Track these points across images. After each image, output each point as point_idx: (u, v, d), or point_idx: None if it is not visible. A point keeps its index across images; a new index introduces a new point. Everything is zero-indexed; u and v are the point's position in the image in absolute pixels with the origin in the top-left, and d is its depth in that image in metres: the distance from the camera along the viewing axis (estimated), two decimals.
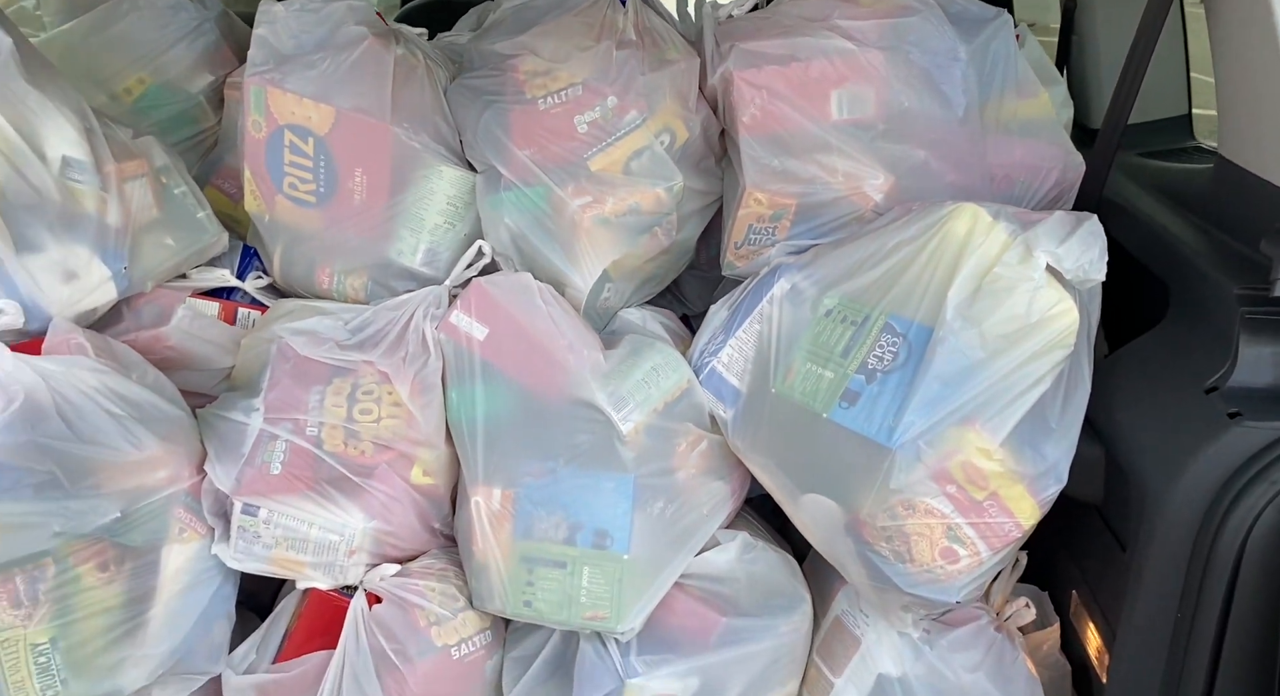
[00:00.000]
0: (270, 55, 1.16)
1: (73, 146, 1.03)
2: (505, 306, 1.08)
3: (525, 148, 1.11)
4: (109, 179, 1.05)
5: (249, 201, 1.21)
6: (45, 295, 0.99)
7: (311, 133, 1.15)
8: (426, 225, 1.17)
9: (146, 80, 1.29)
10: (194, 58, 1.31)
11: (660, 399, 1.05)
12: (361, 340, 1.09)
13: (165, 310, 1.13)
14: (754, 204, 1.11)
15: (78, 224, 1.02)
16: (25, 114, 1.00)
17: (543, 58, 1.09)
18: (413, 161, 1.15)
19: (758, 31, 1.07)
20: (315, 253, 1.19)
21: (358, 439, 1.03)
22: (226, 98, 1.35)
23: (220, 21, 1.35)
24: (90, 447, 0.93)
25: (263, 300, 1.22)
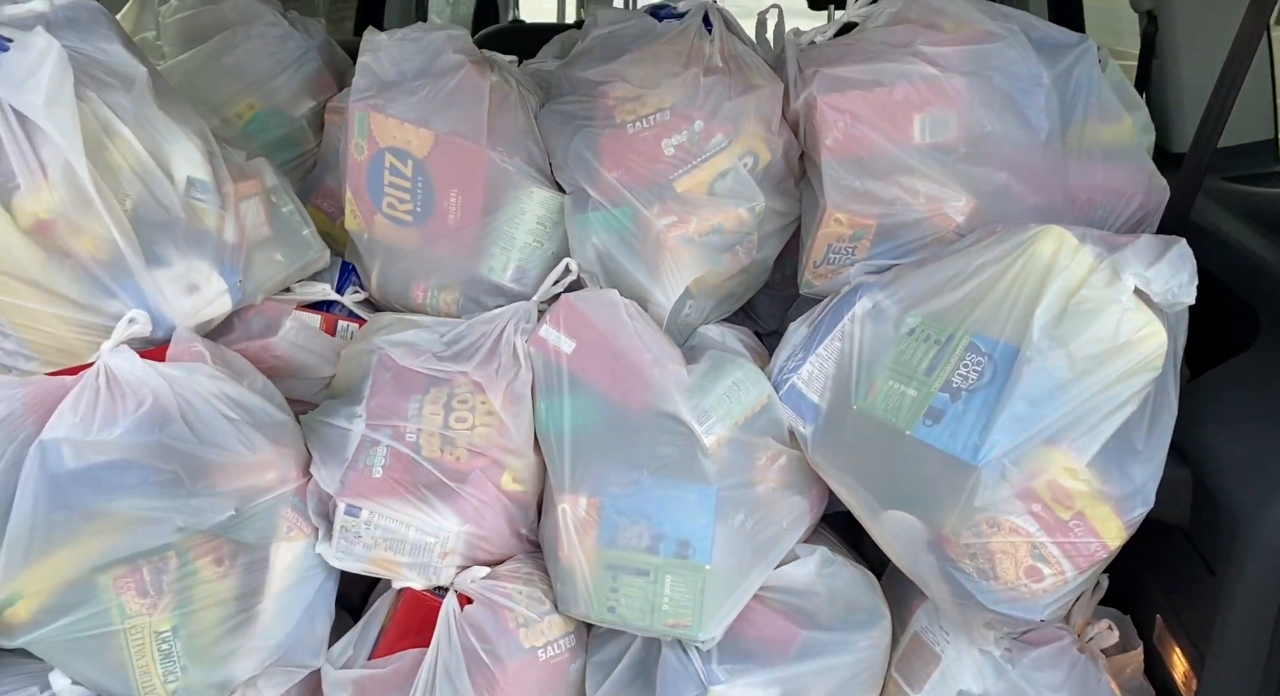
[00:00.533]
0: (373, 82, 1.23)
1: (197, 168, 1.10)
2: (592, 321, 1.12)
3: (613, 170, 1.15)
4: (227, 198, 1.13)
5: (349, 220, 1.27)
6: (170, 306, 1.06)
7: (411, 155, 1.21)
8: (516, 243, 1.23)
9: (255, 105, 1.37)
10: (299, 84, 1.39)
11: (741, 413, 1.08)
12: (456, 352, 1.14)
13: (273, 321, 1.19)
14: (834, 224, 1.13)
15: (200, 240, 1.09)
16: (156, 138, 1.08)
17: (632, 84, 1.14)
18: (505, 183, 1.21)
19: (841, 58, 1.10)
20: (411, 269, 1.25)
21: (453, 445, 1.08)
22: (326, 121, 1.42)
23: (323, 50, 1.43)
24: (209, 449, 1.00)
25: (360, 313, 1.29)
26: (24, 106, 0.98)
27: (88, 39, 1.08)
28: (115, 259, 1.03)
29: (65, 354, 1.04)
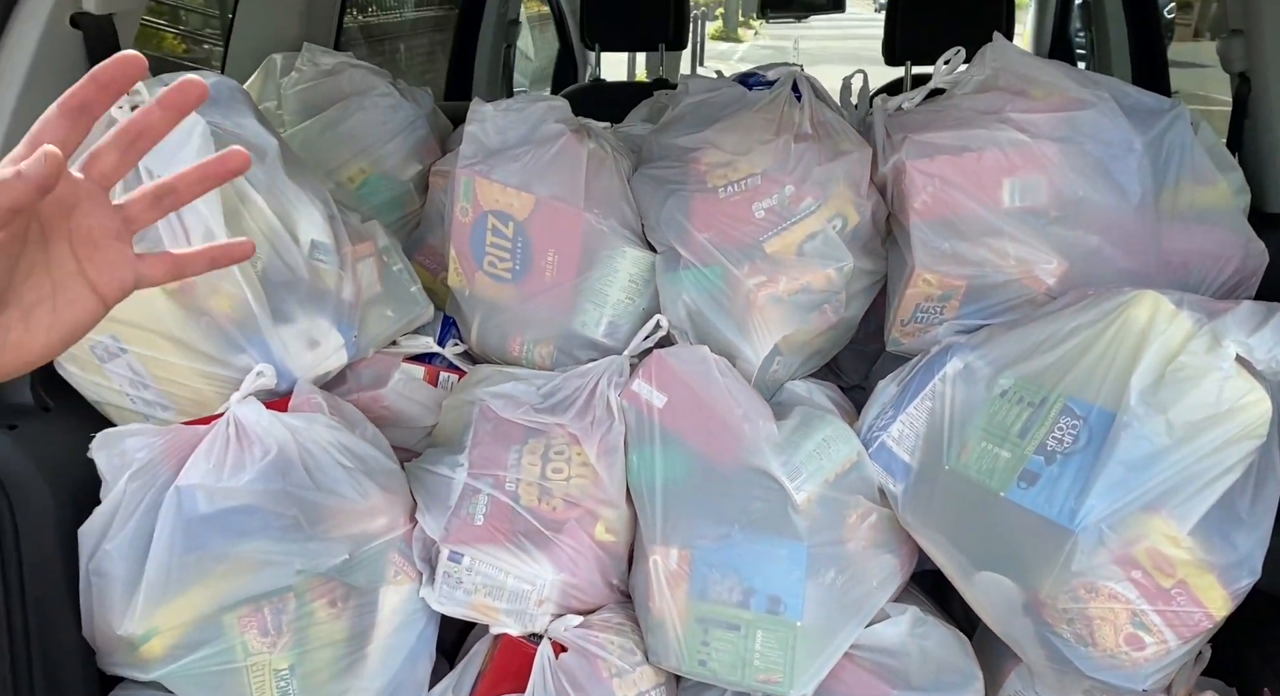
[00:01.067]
0: (479, 149, 1.30)
1: (319, 231, 1.19)
2: (683, 377, 1.16)
3: (705, 231, 1.20)
4: (346, 259, 1.21)
5: (452, 277, 1.35)
6: (293, 360, 1.14)
7: (512, 218, 1.28)
8: (609, 300, 1.28)
9: (367, 170, 1.47)
10: (407, 150, 1.49)
11: (832, 470, 1.10)
12: (553, 404, 1.19)
13: (382, 373, 1.27)
14: (923, 284, 1.15)
15: (321, 299, 1.17)
16: (284, 204, 1.17)
17: (724, 151, 1.19)
18: (600, 243, 1.27)
19: (929, 124, 1.13)
20: (509, 323, 1.31)
21: (550, 495, 1.12)
22: (430, 184, 1.51)
23: (430, 118, 1.52)
24: (325, 495, 1.06)
25: (459, 365, 1.35)
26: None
27: (227, 115, 1.18)
28: (246, 317, 1.11)
29: (198, 404, 1.12)
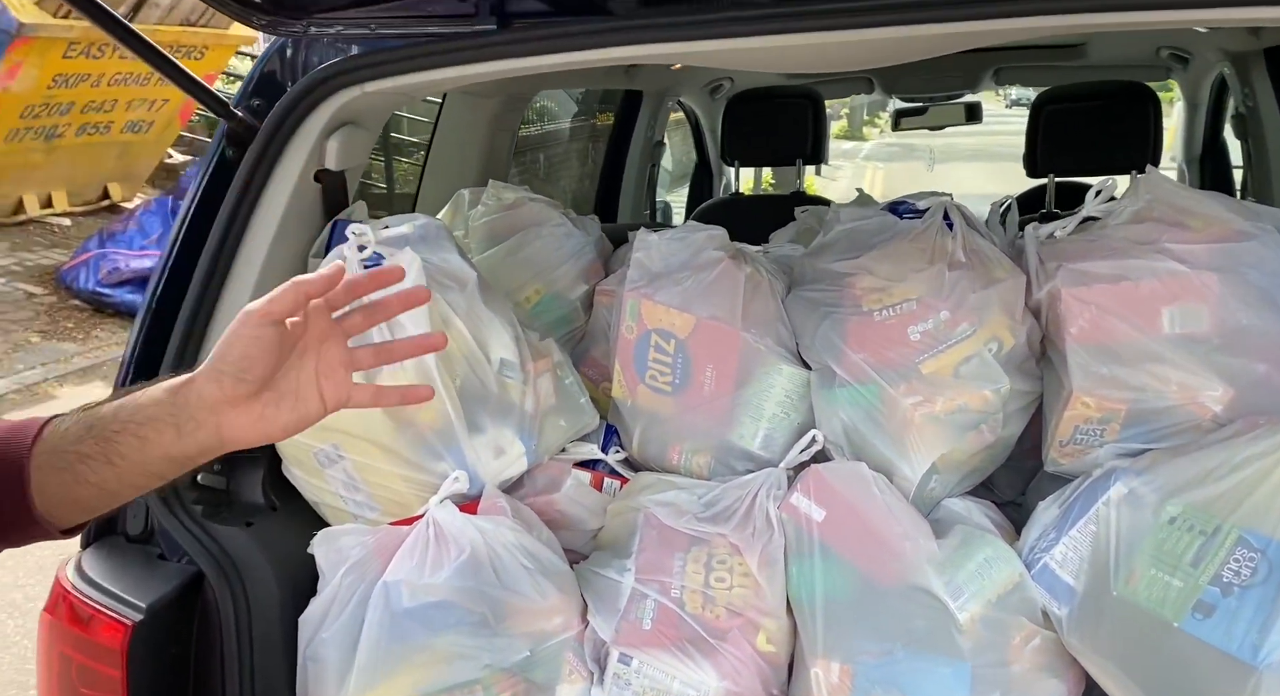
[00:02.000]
0: (644, 274, 1.43)
1: (508, 350, 1.33)
2: (841, 492, 1.21)
3: (860, 352, 1.27)
4: (528, 375, 1.34)
5: (616, 388, 1.46)
6: (482, 466, 1.27)
7: (674, 336, 1.39)
8: (765, 414, 1.36)
9: (542, 290, 1.63)
10: (576, 272, 1.64)
11: (994, 590, 1.11)
12: (714, 514, 1.26)
13: (555, 479, 1.38)
14: (1081, 407, 1.17)
15: (507, 410, 1.30)
16: (480, 326, 1.32)
17: (879, 277, 1.26)
18: (756, 360, 1.35)
19: (1084, 253, 1.18)
20: (668, 433, 1.41)
21: (713, 604, 1.18)
22: (595, 302, 1.65)
23: (597, 244, 1.68)
24: (510, 594, 1.16)
25: (622, 472, 1.45)
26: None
27: (434, 250, 1.35)
28: (446, 427, 1.25)
29: (400, 506, 1.26)
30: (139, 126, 6.95)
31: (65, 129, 6.41)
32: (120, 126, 6.79)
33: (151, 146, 7.33)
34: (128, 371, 1.26)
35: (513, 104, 1.96)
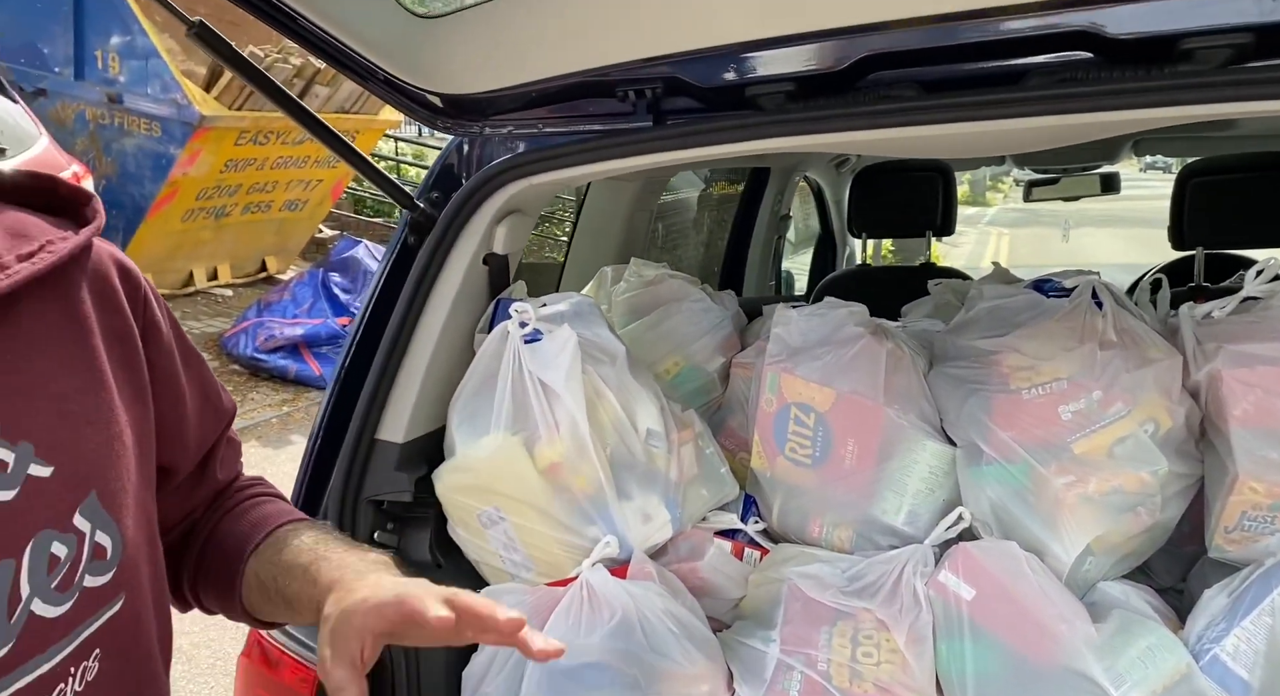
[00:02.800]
0: (783, 348, 1.48)
1: (654, 421, 1.40)
2: (992, 571, 1.21)
3: (1008, 430, 1.27)
4: (673, 445, 1.41)
5: (755, 460, 1.50)
6: (631, 532, 1.33)
7: (814, 409, 1.43)
8: (909, 490, 1.37)
9: (681, 363, 1.70)
10: (714, 345, 1.71)
11: (1159, 681, 1.07)
12: (859, 588, 1.27)
13: (697, 547, 1.42)
14: (1249, 493, 1.14)
15: (653, 479, 1.36)
16: (628, 398, 1.40)
17: (1027, 355, 1.27)
18: (899, 436, 1.37)
19: (1246, 334, 1.15)
20: (809, 506, 1.43)
21: (861, 678, 1.19)
22: (732, 374, 1.71)
23: (734, 318, 1.75)
24: (660, 658, 1.20)
25: (761, 542, 1.48)
26: (549, 380, 1.35)
27: (587, 326, 1.45)
28: (598, 494, 1.32)
29: (553, 567, 1.33)
30: (295, 205, 7.60)
31: (232, 208, 7.08)
32: (279, 205, 7.44)
33: (305, 223, 7.98)
34: (320, 431, 1.40)
35: (652, 185, 2.08)
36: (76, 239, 0.69)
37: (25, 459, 0.62)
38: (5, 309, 0.64)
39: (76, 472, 0.66)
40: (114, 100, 6.41)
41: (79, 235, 0.69)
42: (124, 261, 0.75)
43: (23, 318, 0.65)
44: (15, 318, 0.64)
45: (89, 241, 0.70)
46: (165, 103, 6.21)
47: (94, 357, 0.69)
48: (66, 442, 0.65)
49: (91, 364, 0.69)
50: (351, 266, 6.73)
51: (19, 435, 0.62)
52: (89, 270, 0.71)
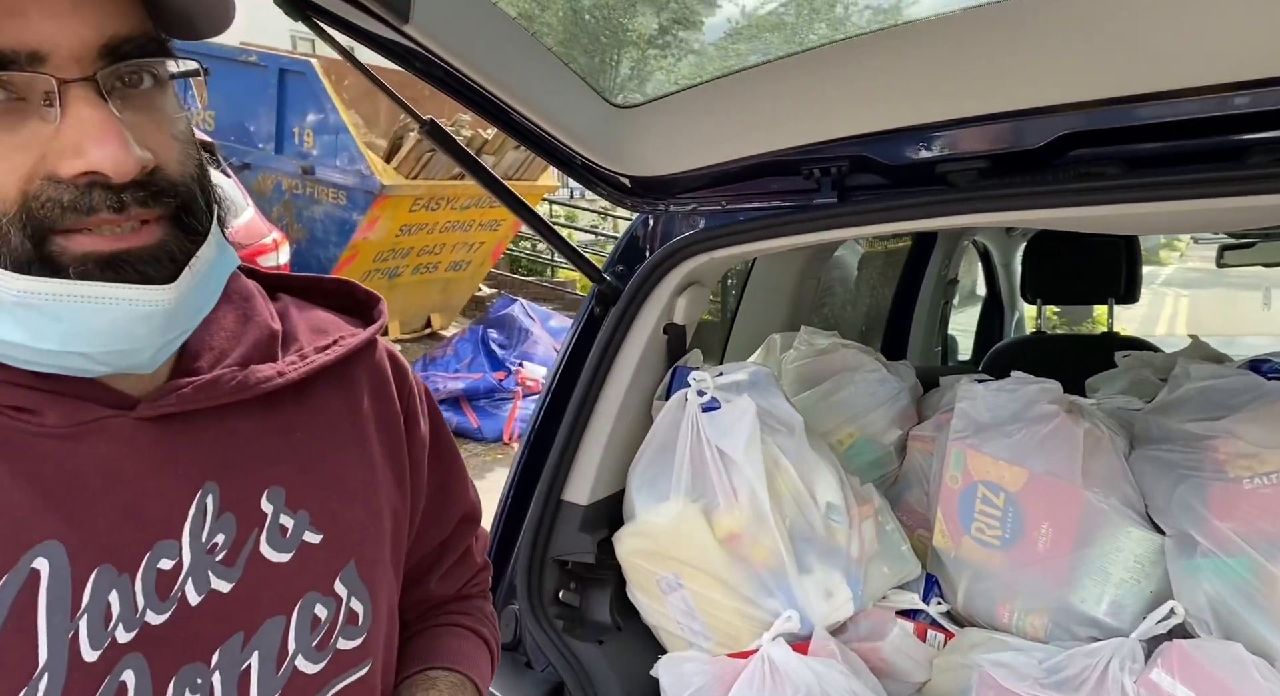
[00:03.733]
0: (969, 424, 1.45)
1: (833, 494, 1.39)
2: (1213, 674, 1.11)
3: (1227, 521, 1.18)
4: (853, 519, 1.39)
5: (938, 538, 1.46)
6: (812, 607, 1.32)
7: (1003, 489, 1.38)
8: (1112, 579, 1.29)
9: (855, 434, 1.69)
10: (890, 417, 1.68)
11: None
12: (1059, 681, 1.20)
13: (878, 626, 1.39)
14: None
15: (834, 554, 1.35)
16: (807, 470, 1.40)
17: (1248, 442, 1.19)
18: (1100, 521, 1.30)
19: None
20: (997, 589, 1.37)
21: None
22: (909, 448, 1.68)
23: (912, 390, 1.72)
24: None
25: (944, 624, 1.43)
26: (728, 448, 1.37)
27: (765, 396, 1.47)
28: (777, 566, 1.32)
29: (731, 637, 1.34)
30: (459, 265, 8.09)
31: (404, 269, 7.62)
32: (445, 266, 7.94)
33: (467, 282, 8.47)
34: (510, 491, 1.48)
35: (821, 253, 2.10)
36: (362, 335, 0.78)
37: (302, 526, 0.70)
38: (300, 392, 0.73)
39: (341, 542, 0.72)
40: (307, 172, 7.09)
41: (364, 332, 0.78)
42: (397, 357, 0.84)
43: (313, 401, 0.74)
44: (307, 400, 0.73)
45: (372, 338, 0.79)
46: (351, 173, 6.81)
47: (366, 441, 0.77)
48: (336, 514, 0.72)
49: (364, 447, 0.77)
50: (508, 323, 7.07)
51: (298, 504, 0.70)
52: (369, 362, 0.80)
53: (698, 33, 2.54)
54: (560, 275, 10.36)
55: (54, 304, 0.55)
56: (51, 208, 0.54)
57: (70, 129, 0.54)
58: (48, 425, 0.60)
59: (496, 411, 6.22)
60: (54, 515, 0.59)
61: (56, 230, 0.55)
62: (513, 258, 10.31)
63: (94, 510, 0.60)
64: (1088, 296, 2.53)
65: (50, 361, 0.58)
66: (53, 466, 0.60)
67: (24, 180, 0.54)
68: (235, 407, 0.67)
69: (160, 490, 0.63)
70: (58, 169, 0.54)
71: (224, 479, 0.66)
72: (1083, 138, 1.14)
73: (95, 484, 0.61)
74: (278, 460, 0.70)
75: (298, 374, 0.71)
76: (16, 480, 0.58)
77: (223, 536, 0.66)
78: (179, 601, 0.63)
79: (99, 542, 0.60)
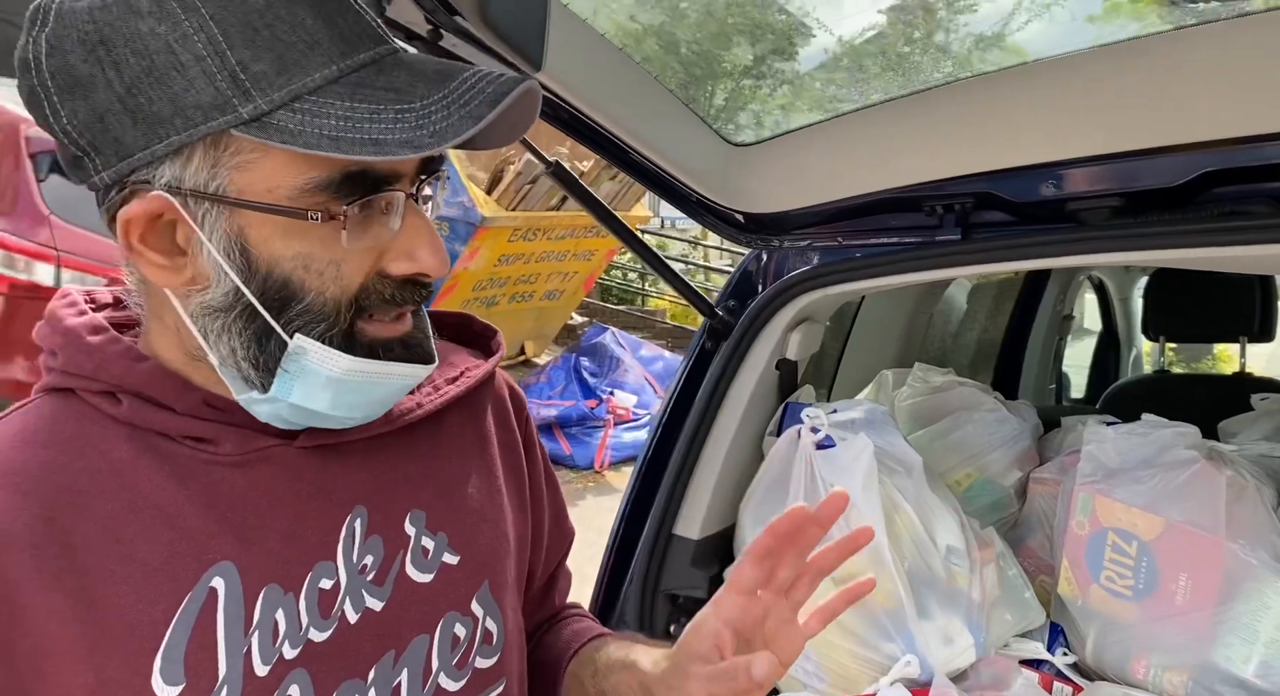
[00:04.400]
0: (1098, 468, 1.39)
1: (954, 537, 1.36)
2: None
3: None
4: (975, 563, 1.35)
5: (1063, 586, 1.40)
6: (931, 653, 1.28)
7: (1136, 537, 1.32)
8: (1260, 637, 1.21)
9: (973, 474, 1.64)
10: (1010, 459, 1.63)
11: None
12: None
13: (1000, 676, 1.34)
14: None
15: (955, 599, 1.31)
16: (927, 512, 1.37)
17: None
18: (1247, 575, 1.22)
19: None
20: (1130, 642, 1.31)
21: None
22: (1030, 491, 1.62)
23: (1033, 431, 1.67)
24: None
25: (1071, 676, 1.36)
26: (844, 487, 1.36)
27: (881, 434, 1.45)
28: (896, 609, 1.29)
29: (848, 681, 1.31)
30: (553, 294, 8.26)
31: (501, 298, 7.82)
32: (540, 295, 8.12)
33: (560, 311, 8.63)
34: (621, 524, 1.50)
35: (934, 288, 2.06)
36: (486, 366, 0.82)
37: (441, 548, 0.74)
38: (435, 422, 0.77)
39: (476, 563, 0.76)
40: None
41: (486, 363, 0.83)
42: (514, 385, 0.89)
43: (446, 429, 0.79)
44: (440, 430, 0.78)
45: (494, 369, 0.84)
46: (454, 205, 7.06)
47: (493, 466, 0.81)
48: (470, 536, 0.76)
49: (490, 471, 0.81)
50: (599, 352, 7.15)
51: (438, 527, 0.74)
52: (492, 392, 0.84)
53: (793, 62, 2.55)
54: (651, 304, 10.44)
55: (364, 379, 0.64)
56: (374, 299, 0.63)
57: (407, 235, 0.63)
58: (222, 453, 0.65)
59: (588, 439, 6.29)
60: (228, 537, 0.64)
61: (361, 316, 0.63)
62: (604, 286, 10.45)
63: (261, 532, 0.65)
64: (1217, 334, 2.40)
65: (315, 421, 0.66)
66: (226, 491, 0.65)
67: (364, 276, 0.63)
68: (380, 437, 0.72)
69: (317, 514, 0.68)
70: (389, 267, 0.63)
71: (371, 503, 0.70)
72: (1225, 175, 1.10)
73: (262, 507, 0.66)
74: (418, 485, 0.74)
75: (434, 405, 0.76)
76: (196, 504, 0.63)
77: (371, 557, 0.69)
78: (340, 619, 0.67)
79: (266, 563, 0.65)
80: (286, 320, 0.61)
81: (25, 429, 0.63)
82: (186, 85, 0.56)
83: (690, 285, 1.57)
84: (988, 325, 2.81)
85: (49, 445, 0.62)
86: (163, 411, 0.64)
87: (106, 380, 0.63)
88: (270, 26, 0.57)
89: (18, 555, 0.58)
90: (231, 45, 0.57)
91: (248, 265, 0.60)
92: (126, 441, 0.63)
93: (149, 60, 0.56)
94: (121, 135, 0.58)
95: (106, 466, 0.62)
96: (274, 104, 0.57)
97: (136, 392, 0.64)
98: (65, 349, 0.65)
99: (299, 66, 0.58)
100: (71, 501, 0.60)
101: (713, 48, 2.18)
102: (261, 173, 0.58)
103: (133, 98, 0.57)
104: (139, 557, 0.61)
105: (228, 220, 0.60)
